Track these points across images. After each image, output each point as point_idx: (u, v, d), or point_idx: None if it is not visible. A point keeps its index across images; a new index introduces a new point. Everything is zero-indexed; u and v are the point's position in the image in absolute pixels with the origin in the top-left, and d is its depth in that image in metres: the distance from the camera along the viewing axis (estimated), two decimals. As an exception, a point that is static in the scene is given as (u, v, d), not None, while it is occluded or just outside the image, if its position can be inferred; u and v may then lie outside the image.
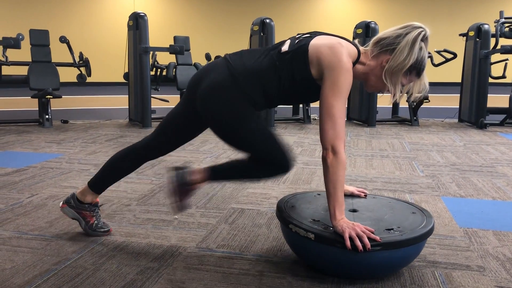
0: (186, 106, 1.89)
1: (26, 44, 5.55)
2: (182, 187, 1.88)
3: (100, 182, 2.03)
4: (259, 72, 1.73)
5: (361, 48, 1.74)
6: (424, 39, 1.66)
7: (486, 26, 5.89)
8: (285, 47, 1.74)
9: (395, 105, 6.55)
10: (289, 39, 1.80)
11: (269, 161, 1.78)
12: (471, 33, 6.06)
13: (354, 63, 1.70)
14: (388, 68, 1.67)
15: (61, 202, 2.08)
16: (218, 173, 1.89)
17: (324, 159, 1.64)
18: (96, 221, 2.06)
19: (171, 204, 1.98)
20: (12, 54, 5.57)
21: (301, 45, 1.71)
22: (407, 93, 1.74)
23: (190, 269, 1.77)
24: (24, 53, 5.81)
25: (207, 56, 6.99)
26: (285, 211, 1.80)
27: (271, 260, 1.86)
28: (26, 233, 2.11)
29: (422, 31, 1.65)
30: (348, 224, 1.59)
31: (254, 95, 1.74)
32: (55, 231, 2.14)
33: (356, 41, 1.79)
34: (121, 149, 2.02)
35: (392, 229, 1.66)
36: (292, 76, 1.71)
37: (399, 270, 1.77)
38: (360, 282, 1.68)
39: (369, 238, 1.55)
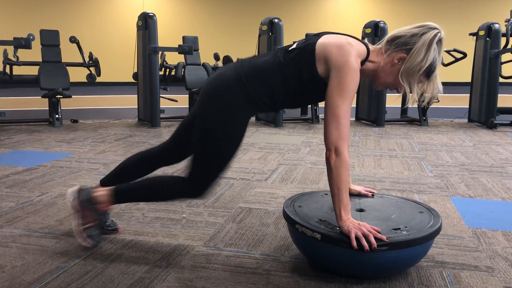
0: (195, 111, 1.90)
1: (36, 44, 5.60)
2: (86, 206, 1.89)
3: (112, 184, 2.04)
4: (264, 71, 1.72)
5: (371, 46, 1.73)
6: (439, 41, 1.64)
7: (496, 25, 5.84)
8: (293, 46, 1.75)
9: (404, 105, 6.52)
10: (298, 40, 1.80)
11: (200, 177, 1.75)
12: (481, 33, 6.02)
13: (364, 62, 1.69)
14: (405, 69, 1.65)
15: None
16: (123, 193, 1.89)
17: (328, 160, 1.64)
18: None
19: (74, 229, 1.92)
20: (23, 54, 5.63)
21: (308, 43, 1.71)
22: (421, 94, 1.72)
23: (197, 268, 1.78)
24: (34, 53, 5.86)
25: (216, 56, 7.00)
26: (291, 211, 1.81)
27: (279, 259, 1.87)
28: (36, 231, 2.13)
29: (438, 32, 1.63)
30: (354, 224, 1.59)
31: (258, 95, 1.72)
32: (64, 229, 2.16)
33: (365, 40, 1.78)
34: (135, 154, 2.03)
35: (399, 228, 1.65)
36: (298, 74, 1.70)
37: (407, 269, 1.76)
38: (367, 281, 1.68)
39: (375, 238, 1.55)
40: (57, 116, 5.52)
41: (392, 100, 5.15)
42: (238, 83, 1.72)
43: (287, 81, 1.71)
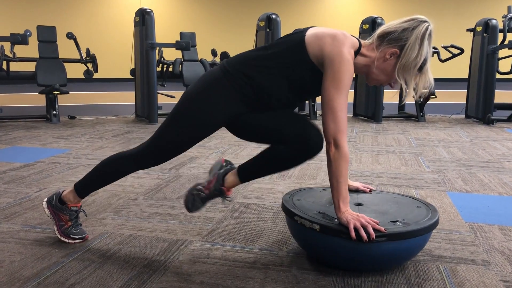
0: None
1: (33, 41, 5.59)
2: (58, 209, 1.96)
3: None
4: (249, 62, 1.72)
5: (362, 41, 1.73)
6: (429, 34, 1.64)
7: (493, 21, 5.85)
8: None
9: (401, 101, 6.53)
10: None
11: (145, 153, 1.89)
12: (479, 28, 6.03)
13: (356, 54, 1.68)
14: (400, 66, 1.65)
15: None
16: (82, 184, 2.01)
17: (327, 153, 1.65)
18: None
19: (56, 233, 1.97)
20: (20, 50, 5.62)
21: (297, 32, 1.71)
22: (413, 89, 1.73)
23: (196, 262, 1.79)
24: (31, 49, 5.85)
25: (213, 52, 7.00)
26: (290, 204, 1.82)
27: (277, 254, 1.87)
28: (34, 227, 2.13)
29: (428, 25, 1.64)
30: (353, 215, 1.60)
31: (243, 88, 1.71)
32: (63, 224, 2.16)
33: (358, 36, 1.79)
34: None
35: (397, 221, 1.67)
36: (286, 62, 1.67)
37: (404, 262, 1.77)
38: (365, 275, 1.69)
39: (374, 229, 1.56)
40: (54, 112, 5.52)
41: (390, 96, 5.16)
42: (223, 72, 1.73)
43: (271, 68, 1.68)
